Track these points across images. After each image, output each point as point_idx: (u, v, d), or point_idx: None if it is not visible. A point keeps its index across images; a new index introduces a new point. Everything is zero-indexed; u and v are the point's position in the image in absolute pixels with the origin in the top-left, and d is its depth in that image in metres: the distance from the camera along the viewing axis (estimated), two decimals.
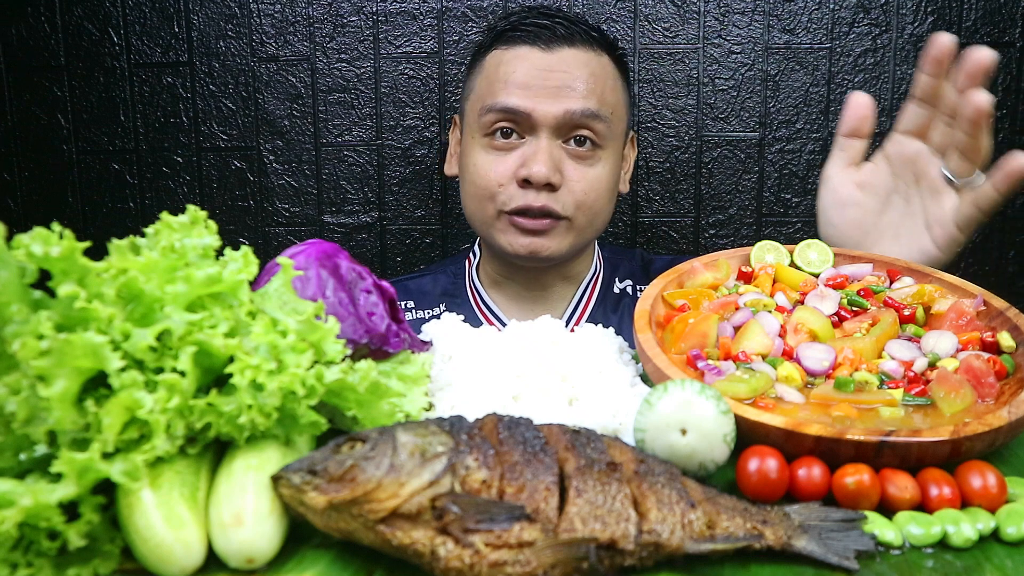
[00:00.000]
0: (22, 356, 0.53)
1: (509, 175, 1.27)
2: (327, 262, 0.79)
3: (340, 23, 1.67)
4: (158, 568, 0.55)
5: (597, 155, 1.30)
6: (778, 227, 1.71)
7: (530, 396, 0.79)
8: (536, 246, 1.29)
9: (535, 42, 1.29)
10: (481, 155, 1.31)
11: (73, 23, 1.69)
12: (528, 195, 1.26)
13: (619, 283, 1.46)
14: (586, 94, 1.27)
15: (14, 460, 0.59)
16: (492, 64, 1.32)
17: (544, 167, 1.24)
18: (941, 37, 0.94)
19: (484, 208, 1.31)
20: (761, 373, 0.76)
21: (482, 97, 1.31)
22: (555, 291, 1.43)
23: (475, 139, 1.32)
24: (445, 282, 1.48)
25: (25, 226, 0.58)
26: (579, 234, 1.32)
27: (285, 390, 0.59)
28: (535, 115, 1.26)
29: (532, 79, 1.27)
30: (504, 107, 1.26)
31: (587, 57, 1.30)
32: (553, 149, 1.26)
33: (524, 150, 1.27)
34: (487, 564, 0.53)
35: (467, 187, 1.35)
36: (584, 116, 1.26)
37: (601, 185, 1.31)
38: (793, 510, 0.62)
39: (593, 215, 1.32)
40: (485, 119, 1.29)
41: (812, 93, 1.65)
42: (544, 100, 1.25)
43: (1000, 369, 0.78)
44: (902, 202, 1.05)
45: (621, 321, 1.42)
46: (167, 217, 0.67)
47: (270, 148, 1.72)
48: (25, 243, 0.57)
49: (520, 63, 1.28)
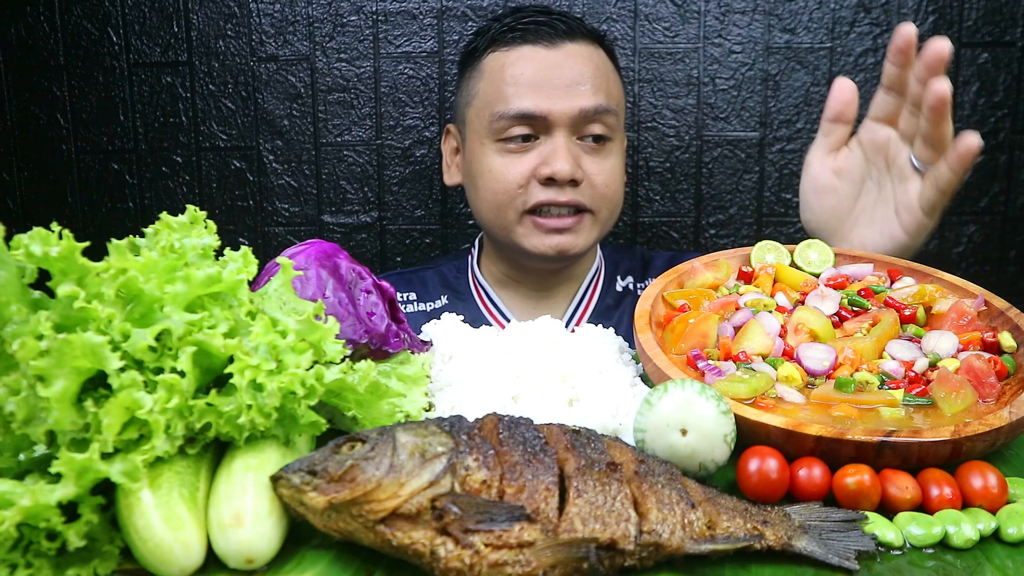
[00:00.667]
0: (21, 356, 0.53)
1: (528, 175, 1.27)
2: (327, 262, 0.79)
3: (340, 23, 1.67)
4: (157, 568, 0.55)
5: (608, 147, 1.31)
6: (778, 227, 1.71)
7: (530, 396, 0.79)
8: (565, 244, 1.29)
9: (537, 40, 1.28)
10: (496, 159, 1.29)
11: (72, 23, 1.69)
12: (550, 192, 1.26)
13: (621, 280, 1.47)
14: (595, 90, 1.28)
15: (13, 460, 0.59)
16: (494, 67, 1.30)
17: (567, 164, 1.24)
18: (905, 28, 0.97)
19: (504, 213, 1.30)
20: (761, 373, 0.76)
21: (491, 103, 1.29)
22: (560, 290, 1.43)
23: (486, 145, 1.30)
24: (449, 276, 1.49)
25: (24, 226, 0.58)
26: (603, 227, 1.34)
27: (285, 390, 0.59)
28: (551, 116, 1.25)
29: (542, 78, 1.26)
30: (519, 112, 1.25)
31: (589, 51, 1.31)
32: (571, 146, 1.27)
33: (542, 149, 1.27)
34: (487, 564, 0.53)
35: (482, 194, 1.32)
36: (597, 112, 1.27)
37: (616, 175, 1.33)
38: (793, 510, 0.62)
39: (614, 206, 1.34)
40: (498, 125, 1.28)
41: (812, 93, 1.64)
42: (558, 99, 1.26)
43: (1001, 369, 0.77)
44: (875, 188, 1.07)
45: (623, 318, 1.42)
46: (166, 217, 0.67)
47: (270, 148, 1.72)
48: (24, 243, 0.57)
49: (526, 63, 1.27)
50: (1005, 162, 1.64)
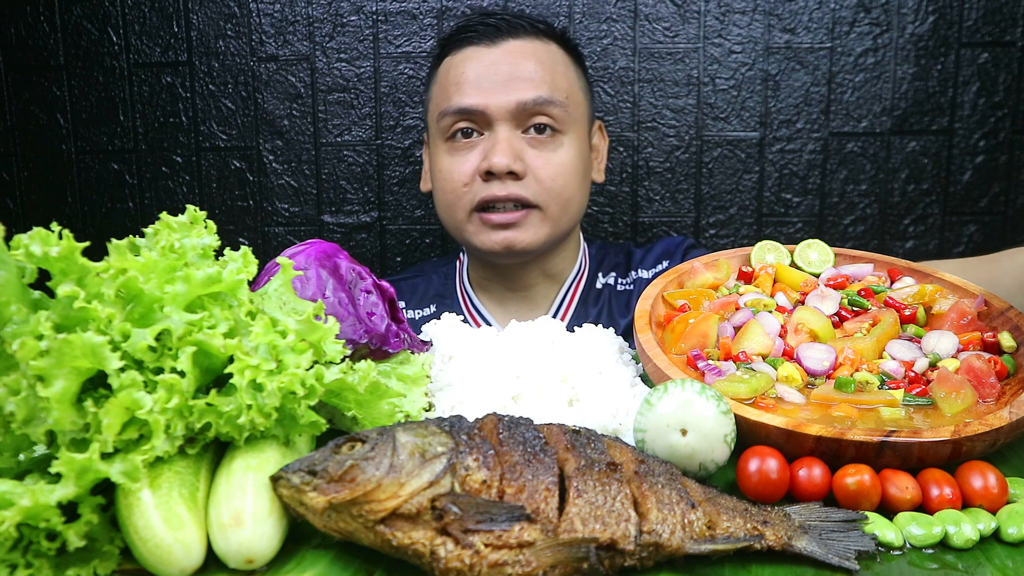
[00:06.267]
0: (21, 356, 0.53)
1: (472, 172, 1.28)
2: (327, 262, 0.79)
3: (340, 23, 1.67)
4: (157, 568, 0.55)
5: (558, 140, 1.30)
6: (778, 227, 1.71)
7: (530, 396, 0.79)
8: (510, 239, 1.29)
9: (480, 41, 1.31)
10: (445, 159, 1.32)
11: (72, 23, 1.69)
12: (493, 186, 1.27)
13: (602, 278, 1.47)
14: (536, 82, 1.28)
15: (13, 460, 0.59)
16: (444, 71, 1.34)
17: (504, 157, 1.24)
18: None
19: (454, 212, 1.32)
20: (761, 373, 0.76)
21: (438, 104, 1.33)
22: (538, 290, 1.43)
23: (438, 146, 1.34)
24: (437, 283, 1.49)
25: (24, 226, 0.58)
26: (554, 223, 1.31)
27: (285, 390, 0.59)
28: (489, 110, 1.27)
29: (481, 76, 1.28)
30: (459, 108, 1.28)
31: (532, 46, 1.31)
32: (512, 139, 1.27)
33: (484, 145, 1.28)
34: (487, 564, 0.53)
35: (437, 195, 1.36)
36: (537, 103, 1.27)
37: (567, 169, 1.31)
38: (793, 510, 0.62)
39: (564, 201, 1.31)
40: (443, 123, 1.31)
41: (812, 93, 1.64)
42: (496, 94, 1.27)
43: (1001, 369, 0.77)
44: None
45: (600, 313, 1.42)
46: (166, 217, 0.67)
47: (270, 148, 1.72)
48: (24, 243, 0.57)
49: (469, 63, 1.30)
50: (1005, 162, 1.64)
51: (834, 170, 1.67)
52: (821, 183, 1.67)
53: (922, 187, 1.66)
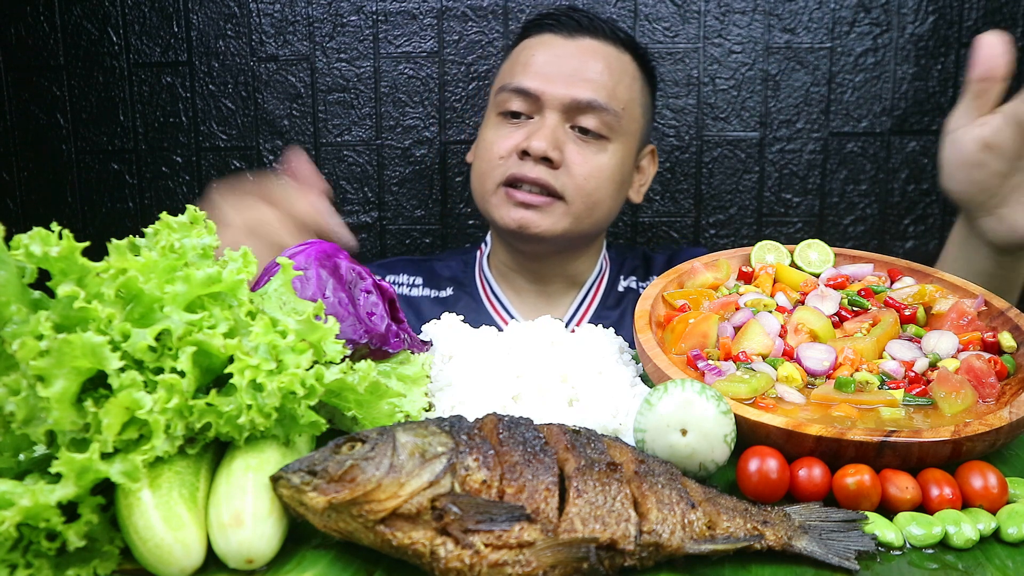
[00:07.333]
0: (21, 356, 0.53)
1: (511, 148, 1.30)
2: (327, 262, 0.79)
3: (340, 23, 1.67)
4: (157, 568, 0.55)
5: (603, 144, 1.31)
6: (778, 227, 1.71)
7: (530, 396, 0.79)
8: (527, 220, 1.29)
9: (559, 30, 1.34)
10: (491, 132, 1.35)
11: (72, 23, 1.69)
12: (525, 166, 1.28)
13: (623, 281, 1.48)
14: (597, 85, 1.29)
15: (13, 460, 0.59)
16: (518, 50, 1.38)
17: (544, 142, 1.26)
18: None
19: (484, 182, 1.34)
20: (761, 373, 0.76)
21: (502, 79, 1.36)
22: (557, 289, 1.44)
23: (490, 118, 1.37)
24: (456, 268, 1.50)
25: (24, 226, 0.58)
26: (576, 220, 1.31)
27: (285, 390, 0.59)
28: (544, 96, 1.29)
29: (549, 63, 1.31)
30: (517, 87, 1.31)
31: (606, 51, 1.33)
32: (558, 129, 1.29)
33: (530, 128, 1.30)
34: (487, 564, 0.53)
35: (475, 164, 1.39)
36: (590, 106, 1.28)
37: (603, 174, 1.31)
38: (793, 510, 0.62)
39: (593, 203, 1.31)
40: (500, 97, 1.34)
41: (812, 93, 1.64)
42: (556, 83, 1.29)
43: (1001, 369, 0.77)
44: None
45: (621, 318, 1.42)
46: (166, 217, 0.67)
47: (270, 148, 1.72)
48: (24, 243, 0.57)
49: (541, 48, 1.33)
50: None
51: (834, 170, 1.67)
52: (821, 183, 1.68)
53: (922, 187, 1.66)
